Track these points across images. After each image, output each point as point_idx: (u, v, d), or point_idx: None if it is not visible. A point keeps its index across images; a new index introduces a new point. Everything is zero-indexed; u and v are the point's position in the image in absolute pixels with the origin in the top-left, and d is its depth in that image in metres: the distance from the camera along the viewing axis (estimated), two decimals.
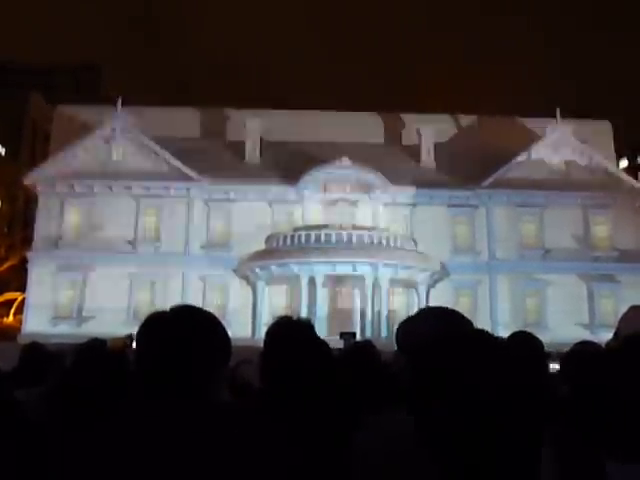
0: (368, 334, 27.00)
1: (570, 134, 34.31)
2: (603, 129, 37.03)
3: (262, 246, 31.03)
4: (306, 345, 2.17)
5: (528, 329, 3.61)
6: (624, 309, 3.13)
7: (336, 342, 13.21)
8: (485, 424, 0.98)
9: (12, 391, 2.78)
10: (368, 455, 1.67)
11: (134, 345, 1.78)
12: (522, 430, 1.00)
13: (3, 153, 49.16)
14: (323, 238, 29.27)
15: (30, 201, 39.54)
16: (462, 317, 1.90)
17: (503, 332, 14.05)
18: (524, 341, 3.22)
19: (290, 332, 2.20)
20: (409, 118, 36.52)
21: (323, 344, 2.25)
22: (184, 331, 1.67)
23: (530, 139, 34.18)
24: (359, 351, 3.03)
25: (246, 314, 30.40)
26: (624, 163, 47.04)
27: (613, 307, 30.02)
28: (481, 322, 26.63)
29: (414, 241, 31.31)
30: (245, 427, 1.68)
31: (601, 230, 33.59)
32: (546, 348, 3.36)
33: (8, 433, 2.07)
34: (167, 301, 27.26)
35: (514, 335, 3.33)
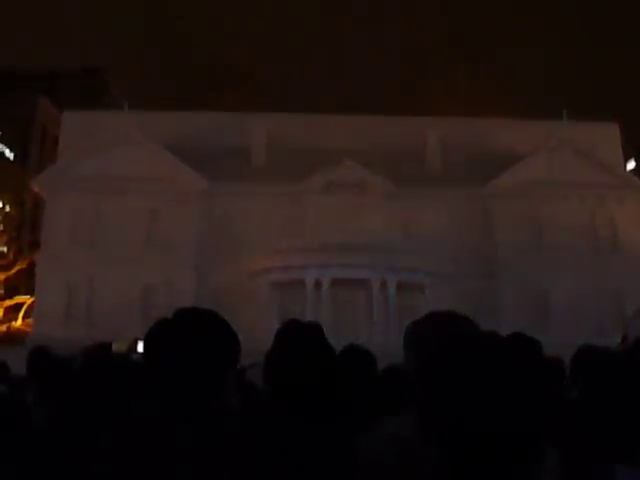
0: (375, 337, 26.90)
1: (576, 136, 34.18)
2: (611, 131, 36.86)
3: (267, 249, 31.02)
4: (315, 349, 2.17)
5: (532, 331, 3.58)
6: (631, 311, 3.12)
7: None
8: (490, 426, 0.98)
9: (20, 396, 2.79)
10: (372, 458, 1.67)
11: (139, 348, 1.79)
12: (527, 432, 1.01)
13: (11, 158, 49.40)
14: (328, 241, 29.21)
15: (38, 205, 39.73)
16: (469, 320, 1.91)
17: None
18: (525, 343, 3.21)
19: (300, 335, 2.20)
20: (413, 121, 36.48)
21: (330, 348, 2.25)
22: (191, 335, 1.67)
23: (536, 141, 34.04)
24: (356, 355, 3.02)
25: (253, 317, 30.36)
26: (631, 165, 46.82)
27: (620, 309, 29.82)
28: (485, 324, 26.43)
29: (418, 243, 31.21)
30: (251, 434, 1.68)
31: (608, 232, 33.42)
32: (551, 351, 3.35)
33: (13, 437, 2.08)
34: (176, 304, 27.06)
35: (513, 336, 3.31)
